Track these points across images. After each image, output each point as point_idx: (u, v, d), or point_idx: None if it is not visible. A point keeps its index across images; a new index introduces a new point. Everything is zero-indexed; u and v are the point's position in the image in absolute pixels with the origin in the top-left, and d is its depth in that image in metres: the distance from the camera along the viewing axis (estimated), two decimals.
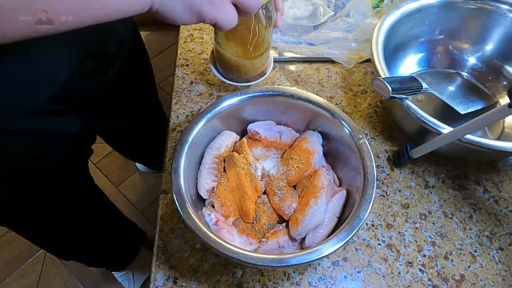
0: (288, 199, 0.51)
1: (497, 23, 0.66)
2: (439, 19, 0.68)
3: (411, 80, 0.56)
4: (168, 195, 0.57)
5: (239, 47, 0.58)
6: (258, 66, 0.62)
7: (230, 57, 0.59)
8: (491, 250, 0.54)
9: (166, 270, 0.51)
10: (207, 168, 0.52)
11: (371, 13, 0.74)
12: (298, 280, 0.51)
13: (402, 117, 0.61)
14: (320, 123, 0.55)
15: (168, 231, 0.54)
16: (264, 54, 0.60)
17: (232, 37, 0.58)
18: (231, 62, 0.60)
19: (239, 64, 0.60)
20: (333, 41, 0.72)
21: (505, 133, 0.64)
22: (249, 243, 0.49)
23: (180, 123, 0.65)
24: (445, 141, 0.49)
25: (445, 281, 0.51)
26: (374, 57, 0.58)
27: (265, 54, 0.61)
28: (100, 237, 0.96)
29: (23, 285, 1.25)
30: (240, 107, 0.54)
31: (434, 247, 0.54)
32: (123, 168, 1.52)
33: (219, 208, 0.50)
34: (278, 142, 0.56)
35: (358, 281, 0.51)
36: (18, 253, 1.30)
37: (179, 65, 0.72)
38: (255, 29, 0.56)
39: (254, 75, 0.63)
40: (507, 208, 0.57)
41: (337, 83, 0.71)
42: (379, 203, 0.57)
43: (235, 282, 0.50)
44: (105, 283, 1.27)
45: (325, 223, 0.48)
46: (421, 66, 0.72)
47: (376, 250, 0.53)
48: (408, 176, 0.60)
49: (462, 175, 0.60)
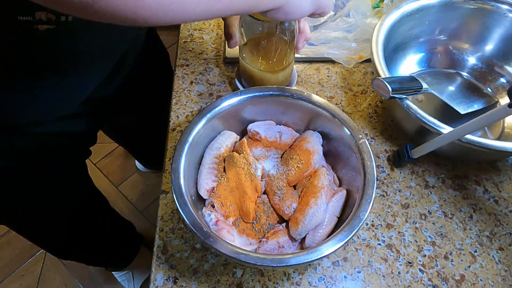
0: (288, 199, 0.51)
1: (497, 23, 0.66)
2: (439, 19, 0.68)
3: (411, 80, 0.56)
4: (168, 195, 0.57)
5: (262, 61, 0.60)
6: (281, 80, 0.63)
7: (253, 71, 0.61)
8: (491, 250, 0.54)
9: (166, 270, 0.51)
10: (207, 168, 0.52)
11: (371, 13, 0.74)
12: (298, 280, 0.51)
13: (402, 117, 0.61)
14: (320, 123, 0.55)
15: (168, 231, 0.54)
16: (287, 68, 0.62)
17: (256, 51, 0.60)
18: (255, 76, 0.61)
19: (263, 77, 0.61)
20: (333, 41, 0.72)
21: (505, 133, 0.64)
22: (249, 243, 0.49)
23: (180, 123, 0.65)
24: (445, 141, 0.49)
25: (445, 281, 0.51)
26: (374, 57, 0.58)
27: (288, 69, 0.62)
28: (100, 237, 0.97)
29: (23, 285, 1.25)
30: (240, 107, 0.54)
31: (434, 247, 0.54)
32: (123, 168, 1.52)
33: (219, 208, 0.50)
34: (278, 142, 0.56)
35: (358, 281, 0.51)
36: (18, 253, 1.30)
37: (179, 65, 0.72)
38: (278, 43, 0.57)
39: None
40: (507, 208, 0.57)
41: (337, 83, 0.71)
42: (379, 203, 0.57)
43: (235, 282, 0.50)
44: (105, 283, 1.27)
45: (325, 223, 0.48)
46: (421, 66, 0.72)
47: (376, 250, 0.53)
48: (408, 176, 0.60)
49: (462, 175, 0.60)
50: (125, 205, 1.43)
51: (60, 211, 0.77)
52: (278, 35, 0.56)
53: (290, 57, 0.61)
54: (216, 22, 0.79)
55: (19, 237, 0.80)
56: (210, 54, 0.74)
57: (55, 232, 0.84)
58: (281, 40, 0.57)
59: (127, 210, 1.41)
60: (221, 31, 0.78)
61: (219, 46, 0.75)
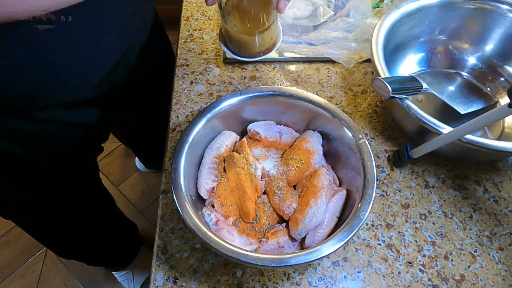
0: (288, 199, 0.51)
1: (497, 23, 0.66)
2: (439, 19, 0.68)
3: (411, 80, 0.56)
4: (168, 195, 0.57)
5: (241, 23, 0.58)
6: (262, 42, 0.61)
7: (232, 33, 0.59)
8: (491, 250, 0.54)
9: (166, 270, 0.51)
10: (207, 168, 0.52)
11: (371, 13, 0.74)
12: (298, 280, 0.51)
13: (402, 117, 0.61)
14: (320, 123, 0.55)
15: (168, 231, 0.54)
16: (266, 30, 0.59)
17: (235, 12, 0.58)
18: (234, 37, 0.60)
19: (241, 39, 0.59)
20: (333, 41, 0.72)
21: (505, 133, 0.64)
22: (249, 243, 0.49)
23: (180, 123, 0.65)
24: (445, 141, 0.49)
25: (445, 281, 0.51)
26: (374, 57, 0.58)
27: (269, 31, 0.60)
28: (101, 236, 0.97)
29: (23, 285, 1.25)
30: (240, 107, 0.54)
31: (434, 247, 0.54)
32: (123, 168, 1.52)
33: (219, 208, 0.50)
34: (278, 142, 0.56)
35: (358, 281, 0.51)
36: (18, 253, 1.30)
37: (179, 65, 0.72)
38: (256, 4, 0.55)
39: (257, 51, 0.62)
40: (507, 208, 0.57)
41: (337, 83, 0.71)
42: (379, 203, 0.57)
43: (235, 282, 0.50)
44: (105, 283, 1.27)
45: (325, 223, 0.48)
46: (421, 66, 0.72)
47: (376, 250, 0.53)
48: (408, 176, 0.60)
49: (462, 175, 0.60)
50: (125, 205, 1.43)
51: (68, 206, 0.77)
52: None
53: (270, 18, 0.58)
54: (216, 22, 0.79)
55: (19, 237, 0.81)
56: (210, 54, 0.74)
57: (61, 228, 0.84)
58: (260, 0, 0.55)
59: (127, 210, 1.41)
60: None
61: (219, 46, 0.75)
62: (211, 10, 0.82)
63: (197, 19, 0.80)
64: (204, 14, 0.81)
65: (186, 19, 0.80)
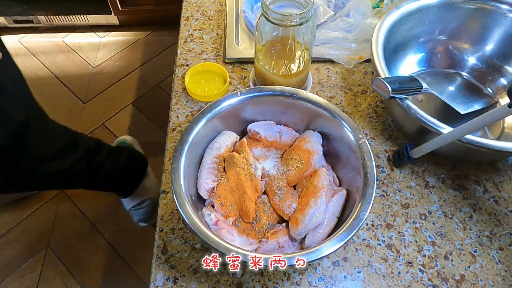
0: (288, 199, 0.51)
1: (497, 23, 0.66)
2: (439, 19, 0.68)
3: (411, 80, 0.56)
4: (168, 195, 0.57)
5: (276, 65, 0.60)
6: (294, 85, 0.62)
7: (266, 73, 0.61)
8: (491, 250, 0.54)
9: (166, 270, 0.51)
10: (207, 168, 0.52)
11: (371, 13, 0.74)
12: (298, 280, 0.51)
13: (402, 117, 0.61)
14: (320, 123, 0.55)
15: (168, 231, 0.54)
16: (300, 74, 0.61)
17: (270, 54, 0.59)
18: (267, 78, 0.61)
19: (275, 81, 0.61)
20: (333, 41, 0.72)
21: (505, 133, 0.64)
22: (249, 243, 0.49)
23: (180, 123, 0.65)
24: (445, 141, 0.49)
25: (445, 281, 0.51)
26: (374, 57, 0.58)
27: (302, 75, 0.62)
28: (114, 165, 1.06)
29: (23, 285, 1.25)
30: (240, 107, 0.54)
31: (434, 247, 0.54)
32: None
33: (219, 208, 0.50)
34: (278, 142, 0.56)
35: (358, 281, 0.51)
36: (18, 253, 1.30)
37: (179, 65, 0.72)
38: (292, 48, 0.57)
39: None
40: (507, 208, 0.57)
41: (337, 83, 0.71)
42: (379, 203, 0.57)
43: (235, 282, 0.50)
44: (105, 283, 1.27)
45: (325, 223, 0.48)
46: (421, 66, 0.72)
47: (376, 250, 0.53)
48: (408, 176, 0.60)
49: (462, 175, 0.60)
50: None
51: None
52: (293, 40, 0.56)
53: (305, 63, 0.60)
54: (216, 22, 0.79)
55: (19, 237, 0.80)
56: (210, 54, 0.74)
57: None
58: (296, 45, 0.57)
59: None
60: (221, 31, 0.78)
61: (219, 46, 0.75)
62: (211, 10, 0.82)
63: (197, 19, 0.80)
64: (204, 14, 0.81)
65: (186, 19, 0.80)
